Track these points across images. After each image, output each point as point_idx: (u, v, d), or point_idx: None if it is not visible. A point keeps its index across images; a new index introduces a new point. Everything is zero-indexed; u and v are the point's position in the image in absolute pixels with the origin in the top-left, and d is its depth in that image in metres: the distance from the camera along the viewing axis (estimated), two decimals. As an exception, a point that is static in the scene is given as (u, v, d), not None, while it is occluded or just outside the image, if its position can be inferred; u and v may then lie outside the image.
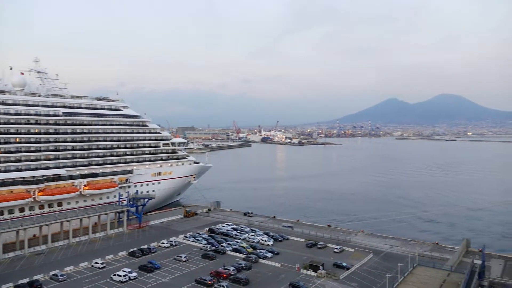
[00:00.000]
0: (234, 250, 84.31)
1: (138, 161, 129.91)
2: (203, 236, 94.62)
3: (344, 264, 74.72)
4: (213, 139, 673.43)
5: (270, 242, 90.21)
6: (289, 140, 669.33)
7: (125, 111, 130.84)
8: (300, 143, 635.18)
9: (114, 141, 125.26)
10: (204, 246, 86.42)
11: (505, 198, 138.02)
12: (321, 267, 71.54)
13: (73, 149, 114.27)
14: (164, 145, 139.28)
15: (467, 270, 63.67)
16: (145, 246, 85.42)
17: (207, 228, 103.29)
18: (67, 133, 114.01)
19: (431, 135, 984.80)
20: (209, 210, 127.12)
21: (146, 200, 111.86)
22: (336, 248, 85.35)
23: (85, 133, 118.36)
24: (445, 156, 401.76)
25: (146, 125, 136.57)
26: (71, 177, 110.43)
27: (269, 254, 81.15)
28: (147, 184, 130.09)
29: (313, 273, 70.71)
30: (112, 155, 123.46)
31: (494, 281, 63.89)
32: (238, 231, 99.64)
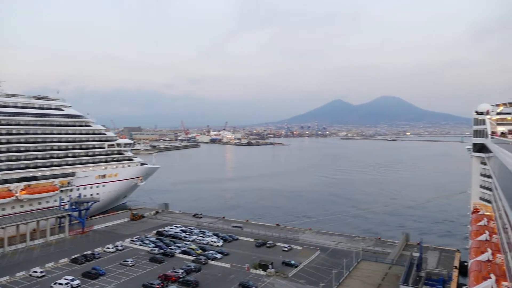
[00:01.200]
0: (183, 252, 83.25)
1: (81, 163, 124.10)
2: (151, 239, 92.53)
3: (292, 262, 76.30)
4: (161, 140, 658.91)
5: (220, 243, 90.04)
6: (238, 141, 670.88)
7: (67, 111, 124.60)
8: (249, 144, 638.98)
9: (55, 142, 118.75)
10: (152, 250, 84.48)
11: (439, 194, 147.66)
12: (270, 266, 72.53)
13: (8, 151, 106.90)
14: (109, 146, 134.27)
15: (406, 262, 67.58)
16: (89, 252, 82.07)
17: (155, 231, 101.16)
18: (1, 134, 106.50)
19: (374, 135, 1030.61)
20: (157, 212, 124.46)
21: (89, 203, 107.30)
22: (285, 247, 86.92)
23: (21, 134, 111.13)
24: (386, 155, 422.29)
25: (89, 126, 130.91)
26: (6, 181, 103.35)
27: (218, 255, 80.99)
28: (91, 187, 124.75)
29: (262, 272, 71.51)
30: (52, 157, 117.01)
31: (430, 272, 68.17)
32: (187, 233, 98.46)
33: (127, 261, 75.93)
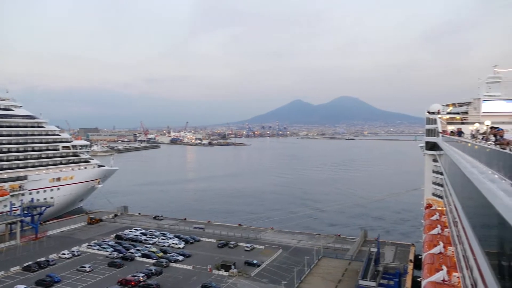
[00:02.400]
0: (144, 255, 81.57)
1: (33, 166, 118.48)
2: (110, 243, 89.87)
3: (255, 261, 76.69)
4: (119, 141, 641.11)
5: (181, 245, 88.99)
6: (199, 141, 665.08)
7: (17, 111, 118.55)
8: (210, 144, 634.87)
9: (4, 144, 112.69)
10: (110, 254, 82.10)
11: (394, 191, 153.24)
12: (232, 266, 72.54)
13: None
14: (64, 148, 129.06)
15: (365, 258, 69.73)
16: (43, 259, 78.54)
17: (114, 235, 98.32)
18: None
19: (333, 134, 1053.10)
20: (116, 215, 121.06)
21: (43, 208, 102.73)
22: (247, 247, 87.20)
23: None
24: (344, 154, 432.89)
25: (42, 127, 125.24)
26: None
27: (180, 257, 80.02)
28: (45, 191, 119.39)
29: (225, 273, 71.39)
30: (1, 160, 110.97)
31: (387, 266, 70.70)
32: (148, 236, 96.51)
33: (84, 267, 73.36)
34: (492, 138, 23.70)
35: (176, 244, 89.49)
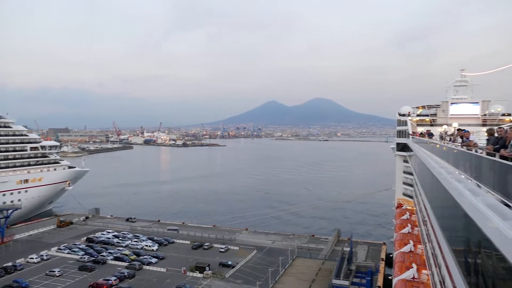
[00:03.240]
0: (116, 258, 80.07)
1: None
2: (80, 246, 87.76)
3: (229, 262, 76.60)
4: (91, 142, 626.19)
5: (155, 247, 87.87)
6: (173, 142, 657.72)
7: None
8: (184, 145, 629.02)
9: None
10: (81, 258, 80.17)
11: (367, 191, 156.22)
12: (207, 268, 72.21)
13: None
14: (32, 148, 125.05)
15: (338, 257, 70.76)
16: (9, 264, 75.88)
17: (85, 238, 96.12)
18: None
19: (307, 135, 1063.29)
20: (87, 218, 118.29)
21: (10, 211, 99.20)
22: (222, 248, 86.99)
23: None
24: (318, 155, 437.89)
25: (9, 127, 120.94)
26: None
27: (154, 260, 79.01)
28: (11, 193, 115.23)
29: (199, 275, 70.99)
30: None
31: (359, 265, 72.03)
32: (120, 238, 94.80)
33: (54, 271, 71.36)
34: (459, 140, 24.57)
35: (150, 246, 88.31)
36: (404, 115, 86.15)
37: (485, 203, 11.31)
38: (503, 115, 75.46)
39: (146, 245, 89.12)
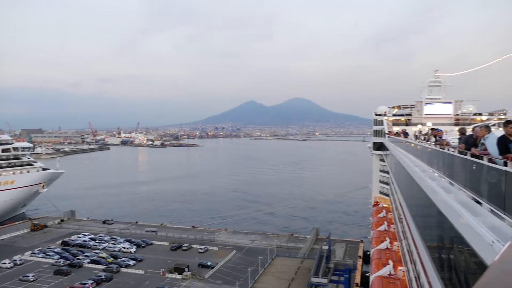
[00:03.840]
0: (93, 261, 78.55)
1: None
2: (55, 250, 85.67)
3: (208, 263, 76.30)
4: (66, 143, 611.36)
5: (133, 249, 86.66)
6: (151, 142, 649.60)
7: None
8: (162, 145, 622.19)
9: None
10: (56, 262, 78.26)
11: (344, 190, 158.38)
12: (186, 269, 71.74)
13: None
14: (4, 150, 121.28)
15: (317, 255, 71.43)
16: (-19, 269, 73.43)
17: (60, 241, 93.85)
18: None
19: (286, 135, 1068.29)
20: (62, 221, 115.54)
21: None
22: (201, 248, 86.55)
23: None
24: (297, 154, 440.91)
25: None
26: None
27: (132, 262, 77.93)
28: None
29: (178, 276, 70.43)
30: None
31: (338, 263, 72.85)
32: (97, 241, 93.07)
33: (28, 276, 69.44)
34: (433, 139, 25.22)
35: (127, 248, 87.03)
36: (380, 114, 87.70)
37: (457, 201, 11.68)
38: (475, 114, 77.81)
39: (124, 247, 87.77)
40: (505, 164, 8.67)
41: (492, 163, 9.53)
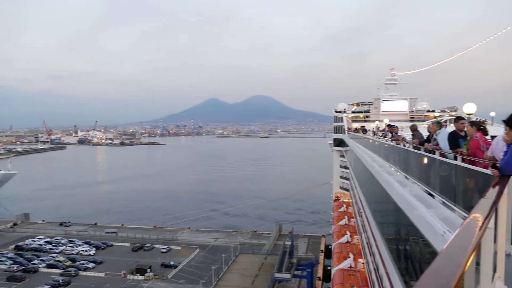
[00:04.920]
0: (49, 266, 75.53)
1: None
2: (8, 255, 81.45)
3: (171, 263, 75.38)
4: (18, 142, 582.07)
5: (92, 252, 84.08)
6: (110, 141, 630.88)
7: None
8: (122, 144, 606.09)
9: None
10: (9, 267, 74.50)
11: (306, 186, 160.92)
12: (148, 270, 70.50)
13: None
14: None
15: (280, 251, 72.27)
16: None
17: (13, 246, 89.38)
18: None
19: (248, 132, 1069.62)
20: (15, 224, 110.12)
21: None
22: (163, 248, 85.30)
23: None
24: (259, 151, 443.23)
25: None
26: None
27: (91, 265, 75.59)
28: None
29: (140, 277, 69.09)
30: None
31: (300, 257, 74.07)
32: (53, 244, 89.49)
33: (-22, 284, 65.77)
34: (390, 135, 26.12)
35: (86, 250, 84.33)
36: (340, 111, 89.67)
37: (412, 194, 12.17)
38: (428, 111, 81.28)
39: (82, 250, 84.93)
40: (455, 158, 9.14)
41: (443, 157, 10.01)
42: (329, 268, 65.45)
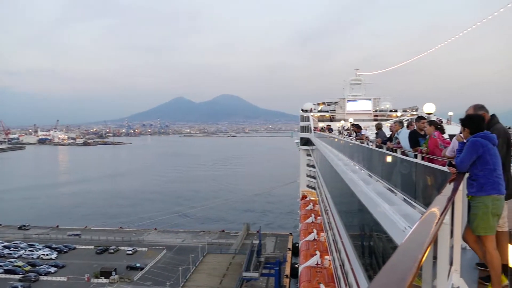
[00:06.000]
0: (7, 271, 72.31)
1: None
2: (-38, 261, 77.41)
3: (137, 265, 74.01)
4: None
5: (53, 255, 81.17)
6: (72, 141, 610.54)
7: None
8: (85, 144, 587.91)
9: None
10: (-37, 274, 70.82)
11: (273, 185, 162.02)
12: (113, 273, 68.90)
13: None
14: None
15: (247, 250, 72.42)
16: None
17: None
18: None
19: (215, 132, 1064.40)
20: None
21: None
22: (129, 250, 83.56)
23: None
24: (226, 150, 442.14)
25: None
26: None
27: (52, 269, 73.03)
28: None
29: (105, 281, 67.42)
30: None
31: (268, 256, 74.57)
32: (11, 249, 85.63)
33: None
34: (354, 134, 26.73)
35: (47, 254, 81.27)
36: (306, 111, 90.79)
37: (375, 191, 12.51)
38: (391, 111, 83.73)
39: (43, 254, 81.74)
40: (415, 156, 9.49)
41: (404, 155, 10.35)
42: (296, 266, 66.26)
